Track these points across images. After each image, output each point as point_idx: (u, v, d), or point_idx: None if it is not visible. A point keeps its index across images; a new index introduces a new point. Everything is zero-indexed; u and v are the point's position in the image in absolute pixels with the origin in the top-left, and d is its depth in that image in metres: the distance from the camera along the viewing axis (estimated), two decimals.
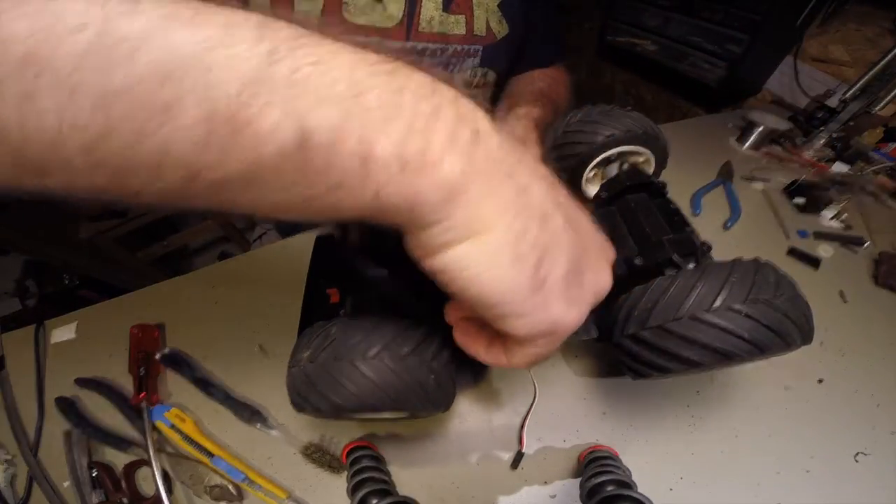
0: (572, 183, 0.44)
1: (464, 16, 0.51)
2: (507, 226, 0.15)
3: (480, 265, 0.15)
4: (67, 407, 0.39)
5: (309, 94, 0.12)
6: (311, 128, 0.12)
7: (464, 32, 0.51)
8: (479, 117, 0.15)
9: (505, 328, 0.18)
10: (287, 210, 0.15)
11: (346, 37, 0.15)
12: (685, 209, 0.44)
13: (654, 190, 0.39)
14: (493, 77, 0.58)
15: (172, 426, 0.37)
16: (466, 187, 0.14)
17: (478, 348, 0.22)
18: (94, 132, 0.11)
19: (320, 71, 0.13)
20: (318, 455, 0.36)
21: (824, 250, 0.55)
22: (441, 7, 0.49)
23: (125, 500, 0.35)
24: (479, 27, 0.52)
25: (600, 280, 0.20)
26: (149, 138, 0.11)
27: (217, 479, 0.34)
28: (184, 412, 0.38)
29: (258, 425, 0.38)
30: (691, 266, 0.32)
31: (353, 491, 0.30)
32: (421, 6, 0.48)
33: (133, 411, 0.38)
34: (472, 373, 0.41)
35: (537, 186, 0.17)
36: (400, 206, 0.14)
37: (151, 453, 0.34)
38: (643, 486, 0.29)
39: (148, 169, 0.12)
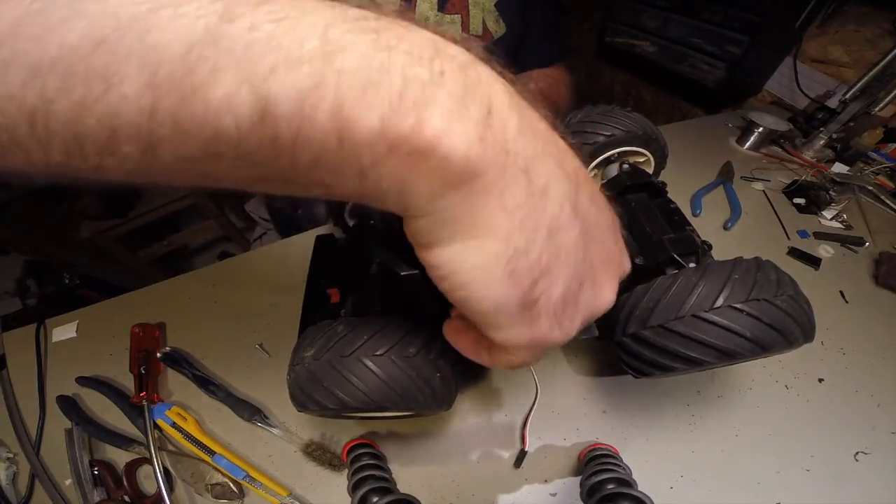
0: None
1: (459, 15, 0.51)
2: (507, 236, 0.13)
3: (472, 272, 0.14)
4: (68, 405, 0.39)
5: (269, 56, 0.10)
6: (271, 96, 0.10)
7: (459, 32, 0.51)
8: (495, 90, 0.13)
9: (487, 334, 0.17)
10: (269, 188, 0.13)
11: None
12: (685, 209, 0.44)
13: (654, 190, 0.39)
14: None
15: (173, 424, 0.37)
16: (467, 178, 0.12)
17: (464, 345, 0.21)
18: (31, 104, 0.10)
19: (285, 28, 0.11)
20: (318, 453, 0.36)
21: (824, 250, 0.56)
22: (436, 7, 0.49)
23: (127, 498, 0.35)
24: (476, 27, 0.52)
25: (599, 299, 0.18)
26: (91, 108, 0.10)
27: (218, 477, 0.34)
28: (185, 410, 0.38)
29: (259, 423, 0.38)
30: (692, 265, 0.32)
31: (353, 489, 0.30)
32: (415, 6, 0.48)
33: (134, 410, 0.38)
34: (474, 372, 0.41)
35: (557, 188, 0.14)
36: (389, 192, 0.13)
37: (153, 451, 0.35)
38: (643, 485, 0.29)
39: (99, 141, 0.11)
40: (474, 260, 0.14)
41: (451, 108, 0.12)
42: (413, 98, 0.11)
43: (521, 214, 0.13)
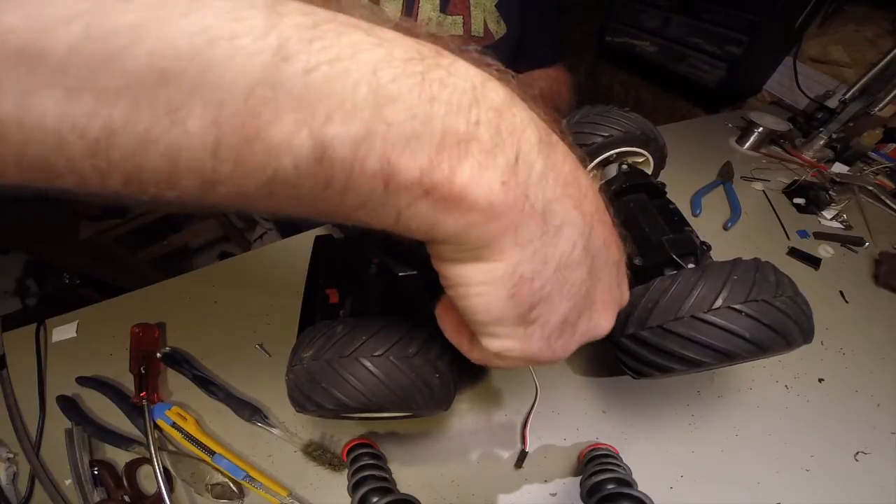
0: None
1: (461, 16, 0.51)
2: (515, 265, 0.15)
3: (478, 288, 0.15)
4: (69, 405, 0.39)
5: (325, 101, 0.11)
6: (328, 140, 0.11)
7: (461, 33, 0.52)
8: (525, 136, 0.14)
9: (482, 343, 0.18)
10: (306, 216, 0.14)
11: (369, 15, 0.13)
12: (685, 210, 0.44)
13: (653, 190, 0.40)
14: None
15: (173, 424, 0.37)
16: (488, 220, 0.13)
17: (447, 323, 0.22)
18: (94, 135, 0.10)
19: (338, 71, 0.11)
20: (318, 453, 0.36)
21: (824, 250, 0.56)
22: (438, 8, 0.49)
23: (127, 498, 0.35)
24: (477, 28, 0.52)
25: (596, 329, 0.20)
26: (155, 142, 0.10)
27: (218, 477, 0.34)
28: (185, 410, 0.38)
29: (259, 423, 0.38)
30: (691, 266, 0.32)
31: (353, 489, 0.30)
32: (418, 7, 0.48)
33: (134, 410, 0.38)
34: (473, 372, 0.41)
35: (571, 229, 0.16)
36: (419, 228, 0.14)
37: (153, 451, 0.35)
38: (643, 485, 0.29)
39: (160, 175, 0.11)
40: (482, 278, 0.15)
41: (480, 160, 0.13)
42: (448, 151, 0.12)
43: (532, 248, 0.15)
